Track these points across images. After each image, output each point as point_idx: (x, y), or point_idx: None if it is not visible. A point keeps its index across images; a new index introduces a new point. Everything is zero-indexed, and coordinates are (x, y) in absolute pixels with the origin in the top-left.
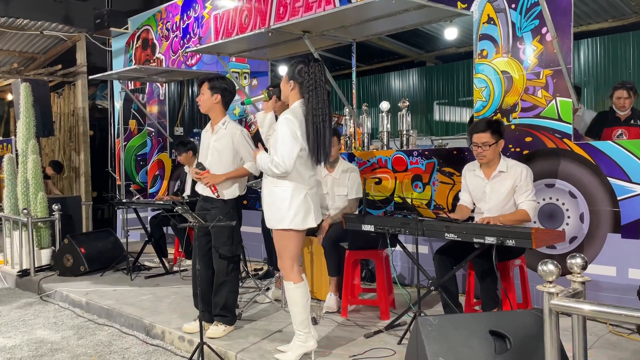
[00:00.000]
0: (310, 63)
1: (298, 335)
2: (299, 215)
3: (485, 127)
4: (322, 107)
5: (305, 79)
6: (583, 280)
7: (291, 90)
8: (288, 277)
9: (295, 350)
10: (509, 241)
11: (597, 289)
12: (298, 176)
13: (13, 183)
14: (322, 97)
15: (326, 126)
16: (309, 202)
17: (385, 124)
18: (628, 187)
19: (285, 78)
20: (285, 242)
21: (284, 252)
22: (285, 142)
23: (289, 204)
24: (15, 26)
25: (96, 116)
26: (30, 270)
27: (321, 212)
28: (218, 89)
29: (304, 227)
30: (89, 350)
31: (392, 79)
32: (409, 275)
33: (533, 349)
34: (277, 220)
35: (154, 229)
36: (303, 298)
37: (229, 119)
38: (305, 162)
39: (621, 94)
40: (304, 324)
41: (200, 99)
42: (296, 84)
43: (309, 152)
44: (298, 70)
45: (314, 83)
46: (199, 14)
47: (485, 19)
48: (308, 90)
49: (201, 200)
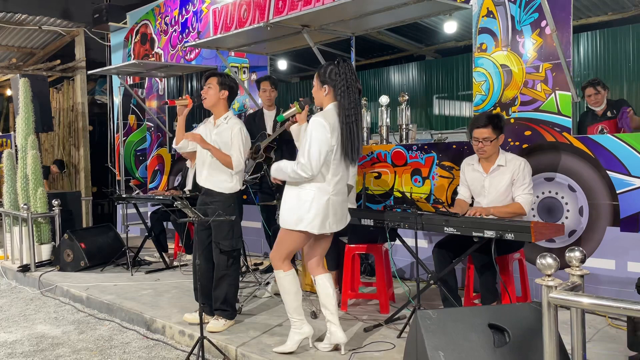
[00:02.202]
0: (340, 64)
1: (293, 322)
2: (318, 219)
3: (486, 122)
4: (354, 106)
5: (337, 80)
6: (582, 273)
7: (326, 95)
8: (278, 266)
9: (293, 338)
10: (508, 235)
11: (596, 282)
12: (322, 180)
13: (13, 178)
14: (354, 97)
15: (358, 125)
16: (329, 208)
17: (385, 118)
18: (627, 180)
19: (318, 84)
20: (290, 241)
21: (283, 246)
22: (313, 145)
23: (309, 206)
24: (14, 21)
25: (95, 111)
26: (30, 266)
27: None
28: (227, 85)
29: (320, 231)
30: (90, 345)
31: (391, 73)
32: (408, 269)
33: (532, 342)
34: (294, 222)
35: (154, 224)
36: (293, 285)
37: (231, 114)
38: (331, 165)
39: (590, 92)
40: (297, 311)
41: (206, 92)
42: (330, 87)
43: (341, 152)
44: (329, 73)
45: (345, 83)
46: (197, 8)
47: (484, 13)
48: (341, 91)
49: (202, 195)
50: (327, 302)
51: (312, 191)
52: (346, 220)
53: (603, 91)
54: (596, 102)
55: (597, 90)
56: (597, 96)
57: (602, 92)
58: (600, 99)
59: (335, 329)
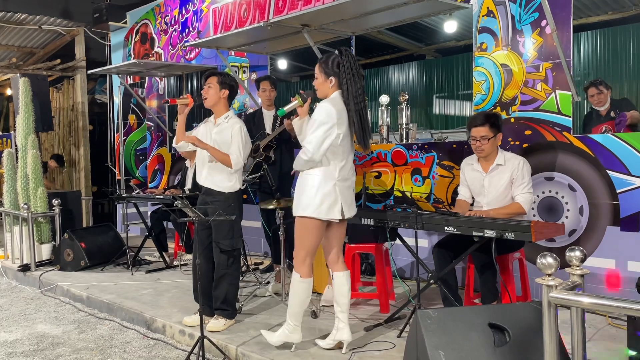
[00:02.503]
0: (343, 53)
1: (287, 325)
2: (325, 204)
3: (484, 121)
4: (361, 93)
5: (341, 70)
6: (582, 272)
7: (332, 87)
8: (298, 268)
9: (280, 337)
10: (508, 234)
11: (596, 281)
12: (328, 164)
13: (13, 178)
14: (360, 84)
15: (366, 110)
16: (337, 193)
17: (385, 117)
18: (627, 180)
19: (322, 77)
20: (304, 231)
21: (300, 241)
22: (318, 130)
23: (316, 191)
24: (14, 20)
25: (95, 111)
26: (30, 265)
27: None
28: (227, 84)
29: (328, 217)
30: (90, 344)
31: (391, 72)
32: (408, 268)
33: (532, 342)
34: (303, 207)
35: (154, 223)
36: (304, 293)
37: (232, 114)
38: (337, 150)
39: (592, 92)
40: (296, 317)
41: (207, 92)
42: (335, 78)
43: (350, 138)
44: (333, 64)
45: (350, 71)
46: (197, 8)
47: (484, 12)
48: (347, 79)
49: (202, 194)
50: (341, 300)
51: (317, 177)
52: (355, 208)
53: (606, 91)
54: (599, 102)
55: (600, 90)
56: (600, 96)
57: (605, 92)
58: (604, 99)
59: (342, 326)
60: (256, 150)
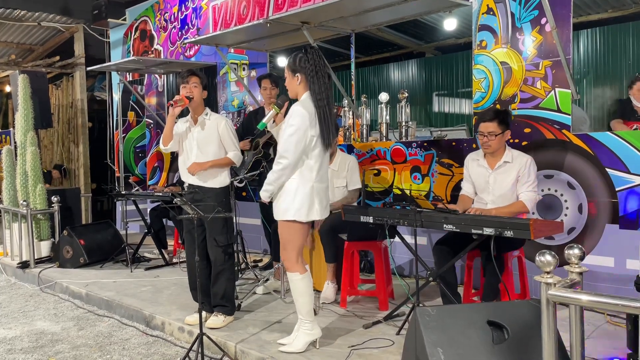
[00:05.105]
0: (308, 50)
1: (304, 324)
2: (304, 207)
3: (493, 117)
4: (324, 90)
5: (306, 67)
6: (580, 270)
7: (299, 84)
8: (293, 268)
9: (303, 339)
10: (507, 232)
11: (595, 279)
12: (305, 168)
13: (12, 175)
14: (323, 81)
15: (331, 109)
16: (314, 195)
17: (384, 115)
18: (626, 178)
19: (289, 74)
20: (289, 234)
21: (288, 243)
22: (292, 135)
23: (294, 194)
24: (13, 17)
25: (95, 108)
26: (30, 262)
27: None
28: (205, 85)
29: (308, 219)
30: (89, 341)
31: (391, 70)
32: (407, 266)
33: (530, 339)
34: (282, 211)
35: (153, 220)
36: (309, 288)
37: (209, 110)
38: (313, 152)
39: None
40: (310, 314)
41: (193, 91)
42: (302, 75)
43: (319, 136)
44: (298, 61)
45: (314, 69)
46: (197, 5)
47: (484, 10)
48: (310, 77)
49: (189, 193)
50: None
51: (295, 180)
52: (328, 210)
53: None
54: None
55: None
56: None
57: None
58: None
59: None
60: (255, 147)
